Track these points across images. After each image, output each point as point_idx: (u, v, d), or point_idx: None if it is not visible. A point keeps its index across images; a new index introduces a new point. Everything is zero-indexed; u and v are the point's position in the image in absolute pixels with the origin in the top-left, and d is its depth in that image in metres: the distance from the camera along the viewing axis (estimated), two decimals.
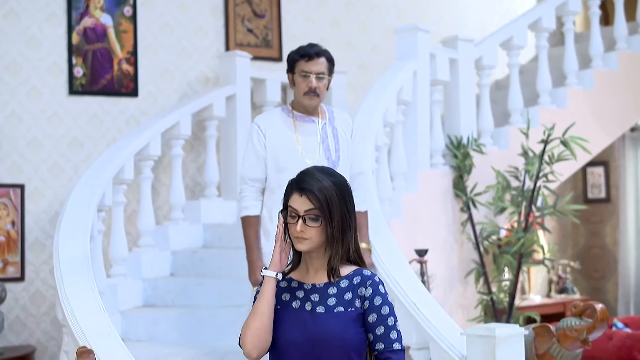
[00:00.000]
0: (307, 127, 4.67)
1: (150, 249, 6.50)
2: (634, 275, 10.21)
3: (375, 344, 3.12)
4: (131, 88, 7.29)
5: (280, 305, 3.16)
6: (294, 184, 3.13)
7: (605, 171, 10.54)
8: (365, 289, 3.14)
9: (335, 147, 4.65)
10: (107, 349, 3.73)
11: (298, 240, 3.10)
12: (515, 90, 7.54)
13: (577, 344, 4.26)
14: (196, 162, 7.58)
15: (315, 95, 4.59)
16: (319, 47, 4.66)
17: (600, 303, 4.25)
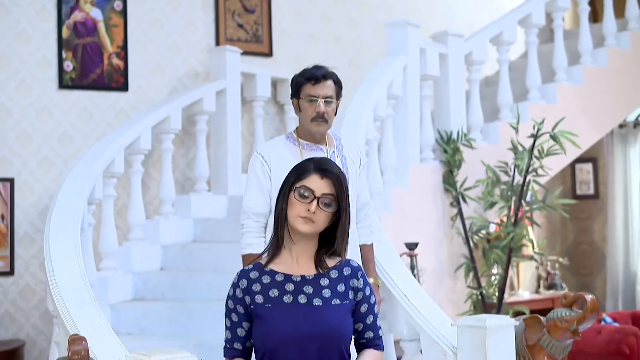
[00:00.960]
0: (315, 156, 4.44)
1: (141, 243, 6.50)
2: (622, 272, 10.25)
3: (365, 332, 3.19)
4: (121, 82, 7.28)
5: (270, 302, 3.06)
6: (313, 165, 3.12)
7: (594, 168, 10.58)
8: (357, 281, 3.18)
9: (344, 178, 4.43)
10: (99, 339, 3.73)
11: (305, 221, 3.06)
12: (505, 86, 7.56)
13: (568, 335, 4.27)
14: (186, 157, 7.58)
15: (324, 121, 4.20)
16: (325, 69, 4.28)
17: (591, 294, 4.26)
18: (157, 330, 5.79)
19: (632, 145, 10.27)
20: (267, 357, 3.05)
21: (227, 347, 3.14)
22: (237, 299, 3.09)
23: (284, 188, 3.13)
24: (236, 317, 3.09)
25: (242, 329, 3.10)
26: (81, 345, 2.90)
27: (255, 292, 3.07)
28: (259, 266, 3.14)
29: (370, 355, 3.19)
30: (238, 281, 3.11)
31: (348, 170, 4.27)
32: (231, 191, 7.34)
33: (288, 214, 3.09)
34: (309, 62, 8.26)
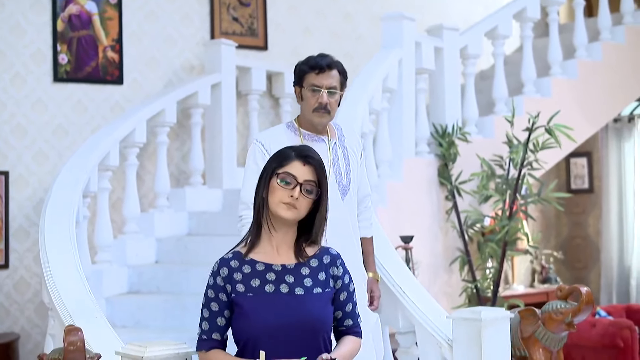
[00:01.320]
0: (317, 147, 3.96)
1: (135, 236, 6.49)
2: (616, 266, 10.27)
3: (344, 320, 3.21)
4: (116, 75, 7.27)
5: (252, 292, 3.04)
6: (295, 152, 3.12)
7: (589, 162, 10.60)
8: (336, 268, 3.20)
9: (346, 169, 4.20)
10: (94, 331, 3.72)
11: (288, 207, 3.06)
12: (500, 79, 7.57)
13: (563, 327, 4.27)
14: (181, 151, 7.57)
15: (326, 112, 4.08)
16: (330, 59, 4.14)
17: (586, 286, 4.27)
18: (152, 323, 5.79)
19: (626, 140, 10.28)
20: (249, 347, 3.02)
21: (204, 338, 3.08)
22: (218, 288, 3.06)
23: (264, 175, 3.13)
24: (217, 306, 3.06)
25: (222, 318, 3.07)
26: (77, 336, 2.90)
27: (237, 281, 3.05)
28: (238, 255, 3.12)
29: (350, 342, 3.20)
30: (218, 270, 3.08)
31: (349, 162, 4.20)
32: (226, 184, 7.33)
33: (269, 201, 3.08)
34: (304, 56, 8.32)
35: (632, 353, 6.86)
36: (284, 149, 3.18)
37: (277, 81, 8.05)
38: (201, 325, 3.10)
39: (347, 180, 4.17)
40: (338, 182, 4.14)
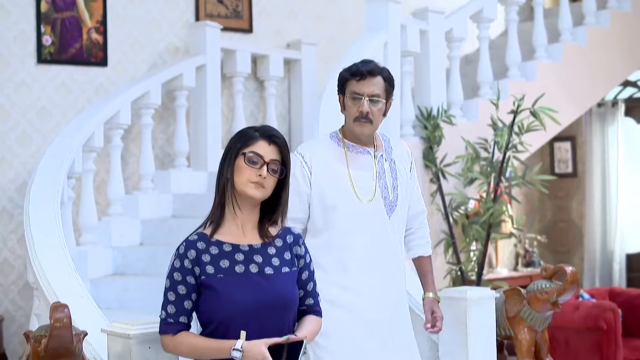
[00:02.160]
0: (361, 160, 3.87)
1: (120, 218, 6.49)
2: (599, 250, 10.33)
3: (306, 299, 3.24)
4: (100, 57, 7.23)
5: (222, 273, 3.02)
6: (259, 132, 3.12)
7: (572, 146, 10.63)
8: (299, 248, 3.24)
9: (394, 184, 3.88)
10: (80, 309, 3.72)
11: (256, 186, 3.05)
12: (485, 63, 7.57)
13: (548, 307, 4.31)
14: (165, 133, 7.54)
15: (367, 122, 3.77)
16: (374, 65, 3.85)
17: (571, 266, 4.29)
18: (137, 304, 5.80)
19: (610, 124, 10.32)
20: (220, 328, 3.01)
21: (171, 322, 3.04)
22: (186, 270, 3.03)
23: (228, 155, 3.11)
24: (184, 289, 3.03)
25: (189, 301, 3.04)
26: (63, 312, 2.90)
27: (206, 263, 3.03)
28: (204, 237, 3.11)
29: (312, 321, 3.23)
30: (185, 252, 3.07)
31: (397, 176, 3.90)
32: (211, 167, 7.32)
33: (236, 180, 3.07)
34: (288, 39, 8.33)
35: (614, 335, 6.89)
36: (247, 129, 3.18)
37: (262, 64, 8.02)
38: (166, 309, 3.06)
39: (395, 196, 3.87)
40: (384, 197, 3.84)
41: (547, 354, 4.44)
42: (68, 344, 2.89)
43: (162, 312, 3.07)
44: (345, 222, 3.79)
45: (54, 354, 2.89)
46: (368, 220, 3.80)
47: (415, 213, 4.05)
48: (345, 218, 3.78)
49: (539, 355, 4.41)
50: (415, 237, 4.07)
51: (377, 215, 3.81)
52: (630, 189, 10.31)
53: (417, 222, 4.08)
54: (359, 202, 3.78)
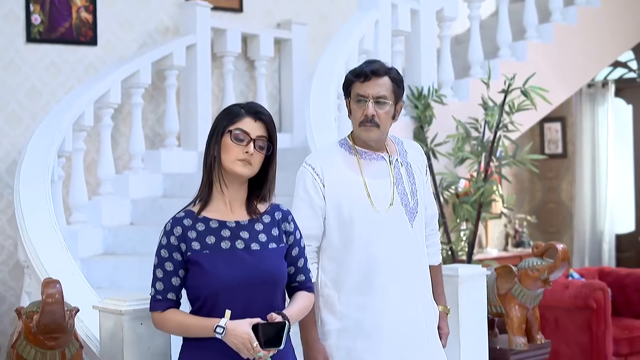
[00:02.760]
0: (376, 167, 3.62)
1: (110, 197, 6.47)
2: (589, 230, 10.36)
3: (297, 276, 3.25)
4: (90, 37, 7.19)
5: (208, 249, 3.04)
6: (245, 109, 3.12)
7: (562, 127, 10.64)
8: (288, 224, 3.24)
9: (412, 189, 3.65)
10: (71, 286, 3.71)
11: (244, 163, 3.05)
12: (476, 42, 7.55)
13: (539, 284, 4.32)
14: (155, 113, 7.51)
15: (374, 126, 3.51)
16: (379, 64, 3.60)
17: (562, 243, 4.30)
18: (127, 284, 5.79)
19: (600, 105, 10.33)
20: (207, 305, 3.02)
21: (159, 298, 3.06)
22: (172, 247, 3.06)
23: (215, 132, 3.11)
24: (171, 265, 3.05)
25: (177, 277, 3.06)
26: (55, 288, 2.89)
27: (192, 239, 3.05)
28: (191, 214, 3.12)
29: (305, 297, 3.24)
30: (172, 229, 3.09)
31: (415, 180, 3.67)
32: (201, 146, 7.29)
33: (223, 158, 3.07)
34: (279, 18, 8.30)
35: (604, 314, 6.92)
36: (233, 106, 3.19)
37: (252, 43, 7.99)
38: (154, 286, 3.09)
39: (415, 202, 3.63)
40: (404, 204, 3.60)
41: (538, 331, 4.46)
42: (60, 319, 2.88)
43: (152, 289, 3.09)
44: (365, 235, 3.54)
45: (45, 329, 2.89)
46: (390, 230, 3.55)
47: (428, 218, 3.80)
48: (365, 231, 3.53)
49: (530, 332, 4.43)
50: (428, 245, 3.78)
51: (399, 224, 3.57)
52: (619, 169, 10.34)
53: (429, 229, 3.81)
54: (377, 212, 3.52)
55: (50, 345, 2.95)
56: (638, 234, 10.27)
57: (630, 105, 10.35)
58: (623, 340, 7.21)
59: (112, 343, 3.23)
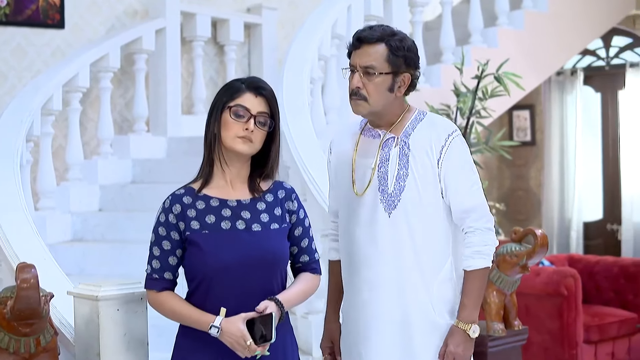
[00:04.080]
0: (368, 145, 3.30)
1: (79, 183, 6.37)
2: (557, 218, 10.36)
3: (300, 256, 3.14)
4: (57, 19, 7.06)
5: (207, 229, 2.95)
6: (245, 84, 3.01)
7: (531, 115, 10.63)
8: (291, 203, 3.13)
9: (399, 174, 3.20)
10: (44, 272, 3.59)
11: (244, 140, 2.96)
12: (448, 28, 7.50)
13: (517, 270, 4.29)
14: (124, 98, 7.40)
15: (361, 99, 3.15)
16: (372, 30, 3.20)
17: (540, 229, 4.27)
18: (97, 271, 5.71)
19: (568, 93, 10.33)
20: (203, 285, 2.95)
21: (155, 277, 2.98)
22: (170, 225, 2.96)
23: (214, 110, 3.01)
24: (169, 244, 2.96)
25: (174, 257, 2.97)
26: (30, 273, 2.81)
27: (191, 218, 2.96)
28: (191, 191, 3.01)
29: (308, 279, 3.14)
30: (170, 206, 2.98)
31: (409, 163, 3.20)
32: (170, 132, 7.22)
33: (223, 135, 2.98)
34: (249, 3, 8.21)
35: (575, 301, 6.91)
36: (234, 81, 3.08)
37: (222, 28, 7.89)
38: (151, 264, 3.00)
39: (398, 188, 3.20)
40: (381, 190, 3.22)
41: (516, 317, 4.43)
42: (35, 305, 2.80)
43: (148, 266, 3.01)
44: (344, 218, 3.35)
45: (20, 315, 2.80)
46: (364, 218, 3.25)
47: (460, 212, 3.23)
48: (345, 212, 3.34)
49: (508, 318, 4.40)
50: (464, 245, 3.27)
51: (372, 212, 3.23)
52: (588, 157, 10.35)
53: (466, 225, 3.23)
54: (355, 196, 3.26)
55: (24, 331, 2.87)
56: (606, 222, 10.29)
57: (599, 94, 10.36)
58: (593, 327, 7.21)
59: (87, 329, 3.15)
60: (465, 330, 3.18)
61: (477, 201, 3.24)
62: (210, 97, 7.79)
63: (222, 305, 2.88)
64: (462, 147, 3.25)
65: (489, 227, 3.24)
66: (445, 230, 3.25)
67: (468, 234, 3.22)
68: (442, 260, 3.23)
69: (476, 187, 3.27)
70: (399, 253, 3.20)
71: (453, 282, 3.25)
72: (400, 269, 3.20)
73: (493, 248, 3.24)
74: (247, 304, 2.91)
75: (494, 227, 3.25)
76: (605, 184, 10.31)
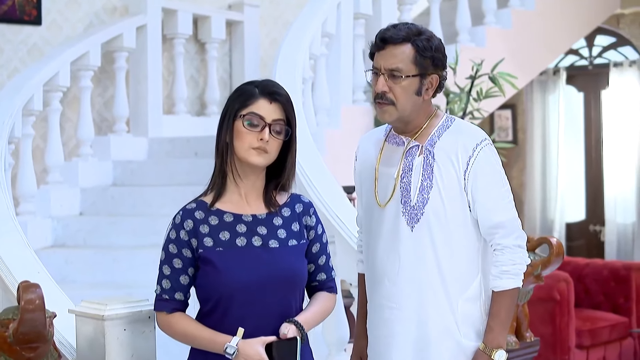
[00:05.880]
0: (392, 152, 3.08)
1: (60, 186, 6.13)
2: (539, 218, 10.26)
3: (317, 274, 2.92)
4: (34, 16, 6.79)
5: (222, 246, 2.73)
6: (259, 89, 2.78)
7: (513, 114, 10.51)
8: (309, 218, 2.91)
9: (422, 185, 2.98)
10: None
11: (259, 152, 2.74)
12: (436, 26, 7.33)
13: (531, 280, 4.11)
14: (103, 97, 7.15)
15: (387, 104, 2.93)
16: (397, 29, 2.96)
17: (555, 237, 4.11)
18: (81, 278, 5.51)
19: (551, 93, 10.22)
20: (219, 308, 2.72)
21: (166, 298, 2.75)
22: (182, 242, 2.74)
23: (226, 117, 2.78)
24: (180, 262, 2.73)
25: (186, 276, 2.75)
26: (35, 293, 2.58)
27: (204, 235, 2.74)
28: (203, 205, 2.79)
29: (325, 298, 2.92)
30: (182, 222, 2.76)
31: (433, 174, 2.98)
32: (152, 132, 7.00)
33: (236, 146, 2.75)
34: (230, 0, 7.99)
35: (568, 305, 6.79)
36: (246, 85, 2.83)
37: (204, 25, 7.68)
38: (161, 284, 2.76)
39: (421, 201, 2.99)
40: (404, 201, 3.01)
41: (527, 329, 4.26)
42: (41, 328, 2.57)
43: (157, 286, 2.77)
44: (366, 229, 3.16)
45: (24, 339, 2.57)
46: (386, 230, 3.04)
47: (487, 227, 2.99)
48: (367, 224, 3.14)
49: (520, 330, 4.23)
50: (492, 263, 3.04)
51: (394, 225, 3.01)
52: (570, 157, 10.24)
53: (494, 242, 3.00)
54: (379, 207, 3.05)
55: (28, 356, 2.62)
56: (589, 223, 10.19)
57: (582, 93, 10.26)
58: (585, 332, 7.09)
59: (92, 351, 2.92)
60: (491, 356, 2.97)
61: (507, 216, 3.01)
62: (192, 96, 7.63)
63: (240, 327, 2.67)
64: (491, 158, 3.03)
65: (519, 244, 3.02)
66: (472, 245, 3.02)
67: (496, 252, 3.00)
68: (469, 277, 3.02)
69: (506, 201, 3.06)
70: (421, 269, 2.99)
71: (482, 301, 3.04)
72: (422, 286, 2.99)
73: (523, 267, 3.02)
74: (265, 326, 2.72)
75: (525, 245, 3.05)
76: (588, 185, 10.21)
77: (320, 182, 4.71)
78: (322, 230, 2.95)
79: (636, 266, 7.70)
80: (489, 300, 3.04)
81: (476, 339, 3.02)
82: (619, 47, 10.02)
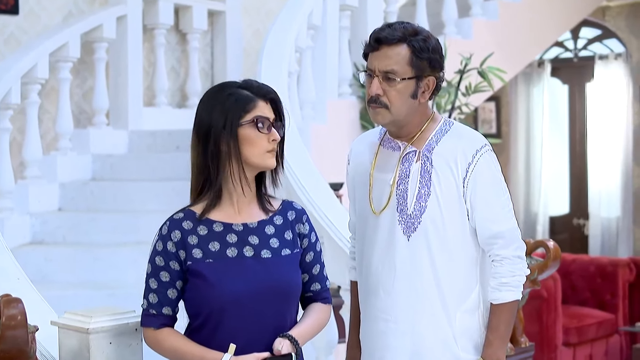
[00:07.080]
0: (388, 157, 2.94)
1: (38, 181, 5.96)
2: (523, 211, 10.20)
3: (311, 284, 2.80)
4: (11, 4, 6.60)
5: (211, 257, 2.60)
6: (252, 91, 2.64)
7: (497, 107, 10.42)
8: (302, 226, 2.78)
9: (419, 193, 2.85)
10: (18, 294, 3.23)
11: (272, 154, 2.64)
12: (422, 17, 7.21)
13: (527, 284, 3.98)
14: (81, 88, 6.97)
15: (381, 107, 2.80)
16: (392, 29, 2.81)
17: (552, 240, 4.00)
18: (62, 276, 5.37)
19: (535, 85, 10.14)
20: (211, 321, 2.60)
21: (153, 313, 2.62)
22: (169, 255, 2.60)
23: (227, 124, 2.60)
24: (167, 276, 2.60)
25: (174, 290, 2.62)
26: (17, 308, 2.43)
27: (192, 246, 2.60)
28: (191, 215, 2.65)
29: (320, 310, 2.80)
30: (169, 233, 2.62)
31: (431, 181, 2.84)
32: (132, 125, 6.83)
33: (247, 154, 2.61)
34: None
35: (554, 303, 6.73)
36: (234, 90, 2.65)
37: (185, 15, 7.51)
38: (147, 298, 2.63)
39: (420, 209, 2.85)
40: (400, 209, 2.87)
41: (522, 334, 4.15)
42: (23, 345, 2.42)
43: (144, 301, 2.64)
44: (360, 237, 3.03)
45: (5, 357, 2.43)
46: (380, 239, 2.92)
47: (486, 238, 2.87)
48: (361, 231, 3.01)
49: (514, 335, 4.12)
50: (490, 275, 2.91)
51: (389, 233, 2.89)
52: (554, 150, 10.17)
53: (493, 251, 2.87)
54: (373, 214, 2.92)
55: None
56: (572, 217, 10.13)
57: (566, 86, 10.18)
58: (572, 329, 7.04)
59: None
60: None
61: (506, 226, 2.88)
62: (172, 87, 7.47)
63: (233, 342, 2.54)
64: (491, 165, 2.89)
65: (518, 254, 2.89)
66: (471, 256, 2.90)
67: (495, 263, 2.87)
68: (467, 289, 2.89)
69: (506, 210, 2.91)
70: (417, 280, 2.86)
71: (480, 313, 2.91)
72: (419, 298, 2.86)
73: (523, 278, 2.90)
74: (258, 341, 2.59)
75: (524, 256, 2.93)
76: (572, 178, 10.15)
77: (308, 181, 4.60)
78: (315, 238, 2.82)
79: (623, 262, 7.65)
80: (488, 312, 2.92)
81: (474, 353, 2.90)
82: (604, 40, 9.95)
